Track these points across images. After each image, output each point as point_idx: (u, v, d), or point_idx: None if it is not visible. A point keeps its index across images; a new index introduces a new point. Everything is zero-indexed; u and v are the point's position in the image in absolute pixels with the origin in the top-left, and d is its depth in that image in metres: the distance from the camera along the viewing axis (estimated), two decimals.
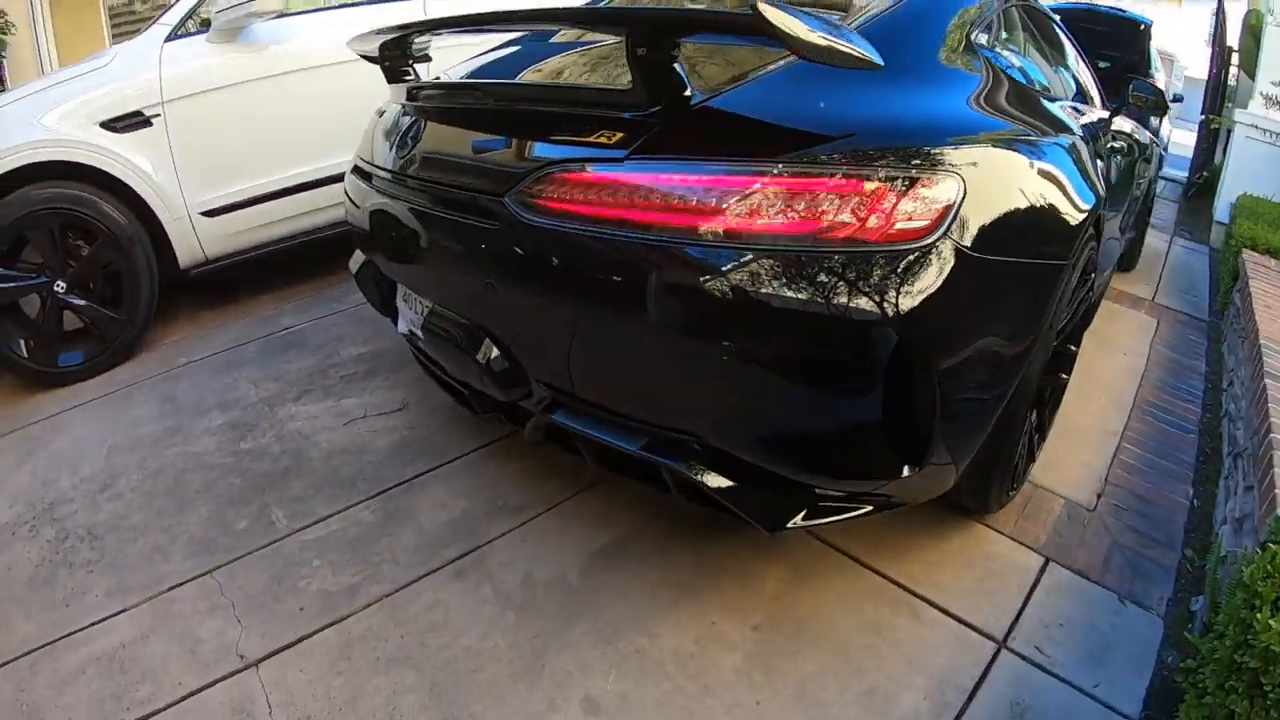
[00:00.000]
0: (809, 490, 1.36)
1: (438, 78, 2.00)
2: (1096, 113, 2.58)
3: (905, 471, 1.30)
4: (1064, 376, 2.04)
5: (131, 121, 2.62)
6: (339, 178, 2.39)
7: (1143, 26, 6.05)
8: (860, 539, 1.77)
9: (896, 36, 1.50)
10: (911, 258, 1.19)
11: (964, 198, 1.24)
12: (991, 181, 1.35)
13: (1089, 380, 2.53)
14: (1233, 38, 6.50)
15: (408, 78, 1.93)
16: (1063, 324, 1.77)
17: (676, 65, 1.25)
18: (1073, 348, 2.07)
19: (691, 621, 1.56)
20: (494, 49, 2.23)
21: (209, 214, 2.86)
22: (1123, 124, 2.89)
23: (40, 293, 2.52)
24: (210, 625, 1.56)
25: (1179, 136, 6.54)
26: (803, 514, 1.37)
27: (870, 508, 1.42)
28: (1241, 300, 3.02)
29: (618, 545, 1.77)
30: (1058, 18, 2.77)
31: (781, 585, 1.66)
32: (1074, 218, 1.63)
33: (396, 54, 1.92)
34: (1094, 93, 2.80)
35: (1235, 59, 6.48)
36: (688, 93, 1.27)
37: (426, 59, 2.05)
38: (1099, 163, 2.11)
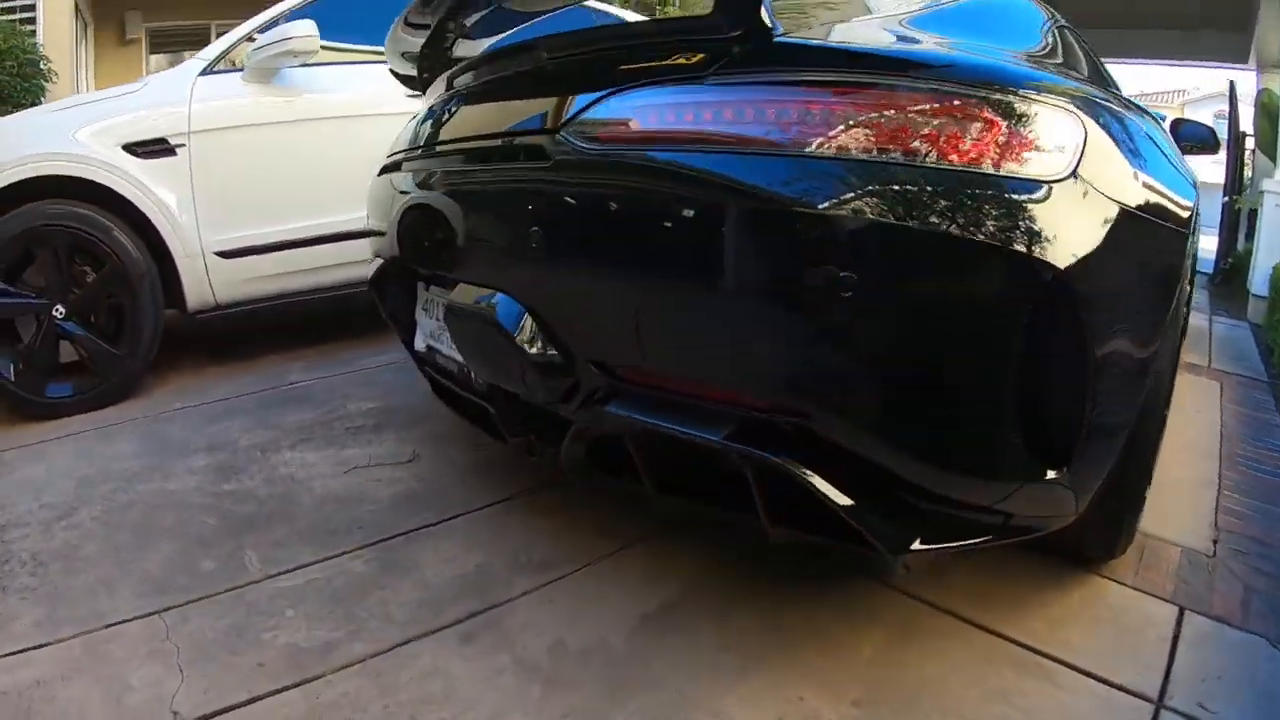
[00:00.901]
0: (934, 499, 1.13)
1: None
2: None
3: (1049, 474, 1.14)
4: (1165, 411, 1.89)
5: (155, 148, 2.59)
6: (362, 234, 2.32)
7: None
8: (964, 596, 1.52)
9: (995, 9, 1.54)
10: (1044, 192, 1.07)
11: (1087, 137, 1.16)
12: (1105, 135, 1.25)
13: (1171, 436, 2.49)
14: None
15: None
16: (1180, 335, 1.67)
17: None
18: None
19: (770, 697, 1.24)
20: None
21: (224, 255, 2.77)
22: None
23: (38, 315, 2.39)
24: (146, 672, 1.27)
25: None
26: (921, 536, 1.14)
27: (989, 536, 1.21)
28: None
29: (670, 608, 1.47)
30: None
31: (879, 651, 1.36)
32: (1186, 196, 1.54)
33: (436, 62, 1.87)
34: None
35: (1250, 143, 6.77)
36: (770, 23, 1.17)
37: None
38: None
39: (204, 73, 2.76)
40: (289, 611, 1.46)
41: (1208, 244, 7.40)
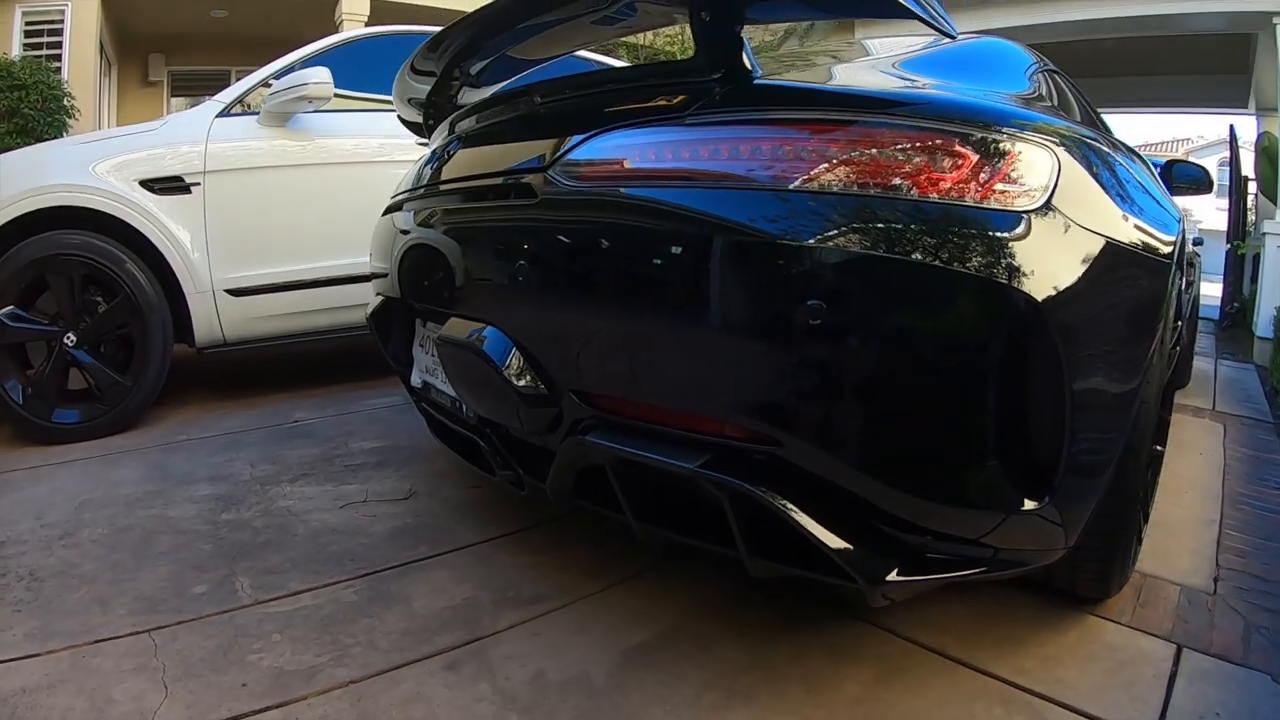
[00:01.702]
0: (912, 529, 1.17)
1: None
2: None
3: (1026, 504, 1.16)
4: (1160, 448, 1.96)
5: (171, 185, 2.77)
6: (369, 277, 2.43)
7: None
8: (956, 635, 1.55)
9: (972, 57, 1.64)
10: (1016, 223, 1.13)
11: (1061, 171, 1.22)
12: (1081, 170, 1.32)
13: (1173, 478, 2.55)
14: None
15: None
16: (1167, 368, 1.71)
17: (742, 36, 1.26)
18: (1165, 415, 2.00)
19: None
20: None
21: (234, 293, 2.92)
22: None
23: (49, 342, 2.53)
24: (130, 686, 1.33)
25: (1202, 287, 6.94)
26: (899, 567, 1.17)
27: (978, 569, 1.24)
28: None
29: (655, 643, 1.51)
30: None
31: (865, 689, 1.39)
32: (1167, 231, 1.60)
33: (441, 108, 2.00)
34: None
35: (1252, 187, 7.00)
36: (749, 65, 1.27)
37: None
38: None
39: (221, 114, 2.95)
40: (276, 636, 1.51)
41: (1213, 290, 7.57)
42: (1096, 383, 1.25)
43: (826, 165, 1.14)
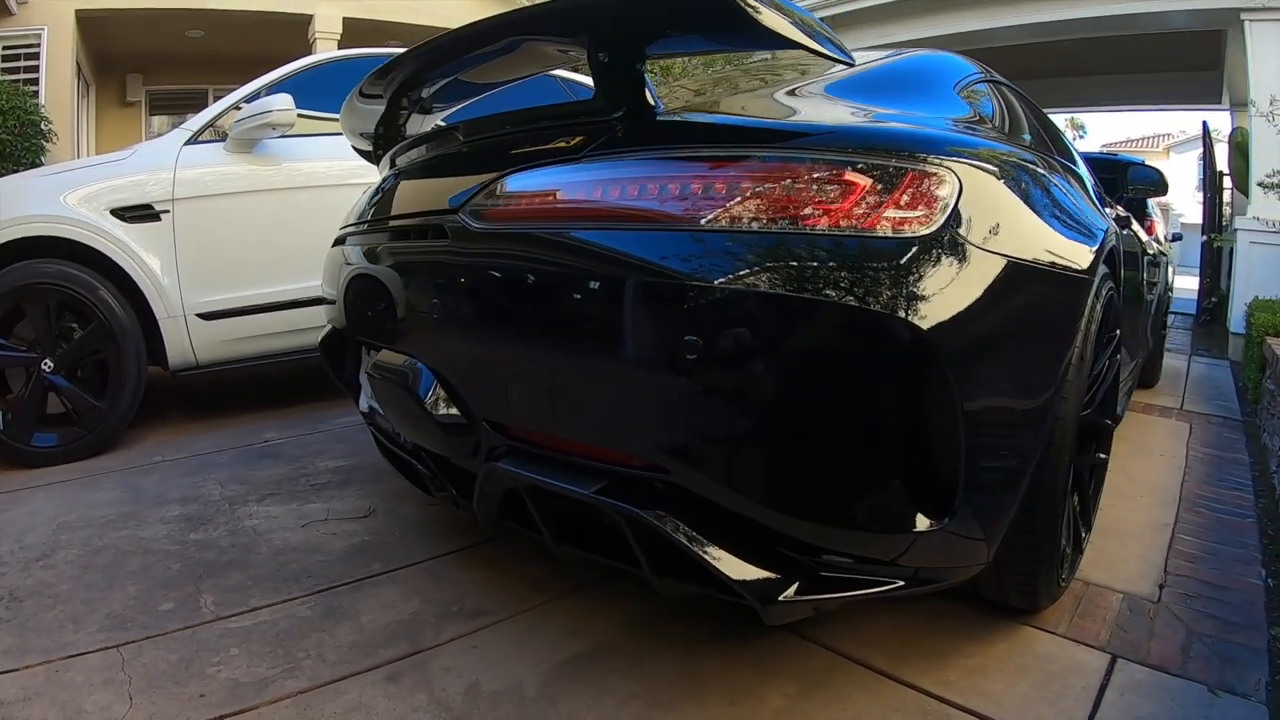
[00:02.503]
0: (808, 551, 1.27)
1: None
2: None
3: (922, 523, 1.22)
4: (1103, 456, 2.01)
5: (141, 213, 2.96)
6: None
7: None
8: (881, 647, 1.66)
9: (898, 76, 1.72)
10: (905, 250, 1.18)
11: (961, 192, 1.26)
12: (987, 190, 1.37)
13: (1130, 482, 2.65)
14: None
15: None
16: (1091, 377, 1.74)
17: (642, 73, 1.33)
18: (1108, 421, 2.05)
19: None
20: None
21: (205, 317, 3.11)
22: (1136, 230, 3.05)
23: (27, 368, 2.72)
24: (99, 697, 1.52)
25: (1181, 281, 7.28)
26: (797, 586, 1.27)
27: (895, 585, 1.32)
28: (1276, 384, 3.21)
29: (587, 656, 1.68)
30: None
31: (787, 701, 1.52)
32: (1088, 243, 1.68)
33: (389, 137, 2.12)
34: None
35: (1228, 182, 7.34)
36: (652, 101, 1.34)
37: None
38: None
39: (189, 142, 3.14)
40: (234, 650, 1.69)
41: (1191, 284, 7.97)
42: (997, 403, 1.30)
43: (715, 201, 1.19)
